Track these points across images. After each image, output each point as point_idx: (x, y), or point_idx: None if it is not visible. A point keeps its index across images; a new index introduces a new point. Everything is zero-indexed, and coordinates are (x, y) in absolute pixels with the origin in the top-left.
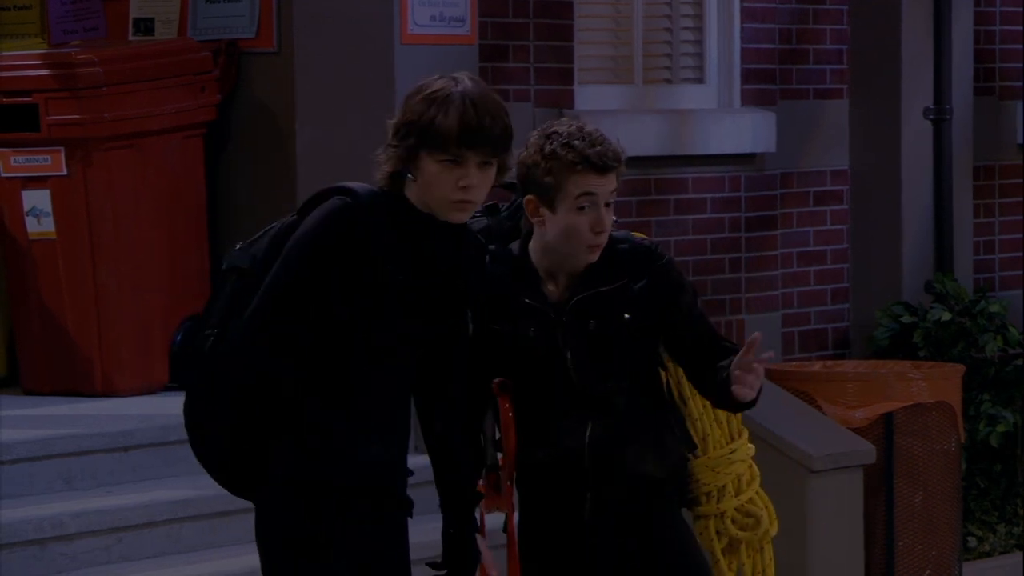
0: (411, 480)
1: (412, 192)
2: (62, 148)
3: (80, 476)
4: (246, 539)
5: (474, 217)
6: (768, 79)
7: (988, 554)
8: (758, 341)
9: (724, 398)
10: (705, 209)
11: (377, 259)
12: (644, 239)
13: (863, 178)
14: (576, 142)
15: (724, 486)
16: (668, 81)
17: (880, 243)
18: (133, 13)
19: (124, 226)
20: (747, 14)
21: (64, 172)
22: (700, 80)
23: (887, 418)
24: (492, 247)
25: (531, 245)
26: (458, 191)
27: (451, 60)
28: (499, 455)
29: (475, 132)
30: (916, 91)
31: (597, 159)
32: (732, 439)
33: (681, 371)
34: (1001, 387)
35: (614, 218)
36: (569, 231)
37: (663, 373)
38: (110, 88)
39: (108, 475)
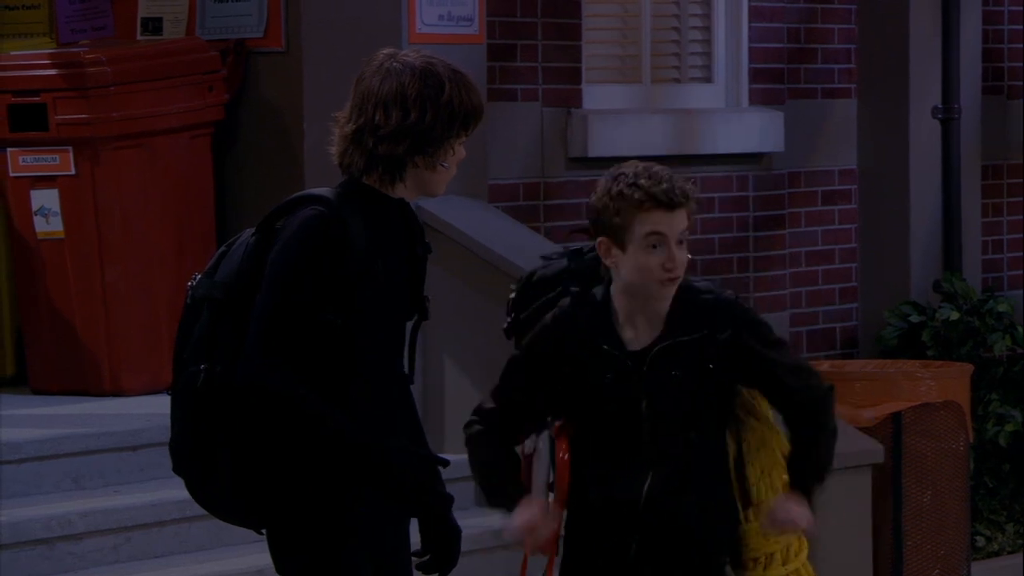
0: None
1: (412, 181)
2: (70, 147)
3: (88, 475)
4: (253, 539)
5: (552, 260)
6: (776, 78)
7: (996, 553)
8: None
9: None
10: (713, 208)
11: (362, 259)
12: (729, 292)
13: (871, 177)
14: (642, 181)
15: (773, 554)
16: (676, 80)
17: (888, 242)
18: (141, 12)
19: (132, 225)
20: (755, 13)
21: (72, 171)
22: (708, 79)
23: (895, 417)
24: (574, 289)
25: (612, 288)
26: (455, 168)
27: (459, 59)
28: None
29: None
30: (924, 90)
31: (663, 196)
32: None
33: (746, 432)
34: (1009, 386)
35: (688, 256)
36: (641, 269)
37: (728, 433)
38: (118, 87)
39: (116, 474)
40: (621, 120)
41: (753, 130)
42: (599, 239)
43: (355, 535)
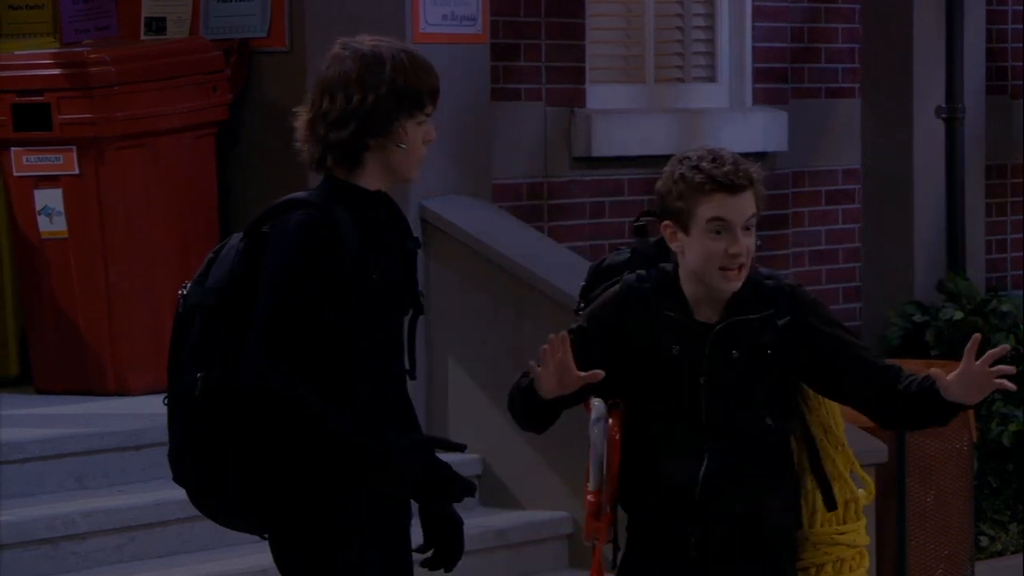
0: None
1: (374, 166)
2: (74, 147)
3: (92, 475)
4: (256, 539)
5: (621, 251)
6: (780, 78)
7: (1000, 553)
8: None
9: (927, 408)
10: None
11: (356, 259)
12: (791, 278)
13: (875, 177)
14: (704, 164)
15: (823, 565)
16: (680, 80)
17: (892, 242)
18: (145, 12)
19: (136, 225)
20: (759, 13)
21: (76, 171)
22: (712, 79)
23: None
24: (638, 272)
25: (680, 271)
26: (425, 149)
27: (462, 59)
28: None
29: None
30: (928, 90)
31: (724, 179)
32: (844, 521)
33: (818, 442)
34: None
35: (758, 242)
36: (705, 254)
37: (794, 442)
38: (122, 87)
39: (119, 474)
40: (625, 120)
41: (757, 130)
42: (664, 223)
43: (355, 535)
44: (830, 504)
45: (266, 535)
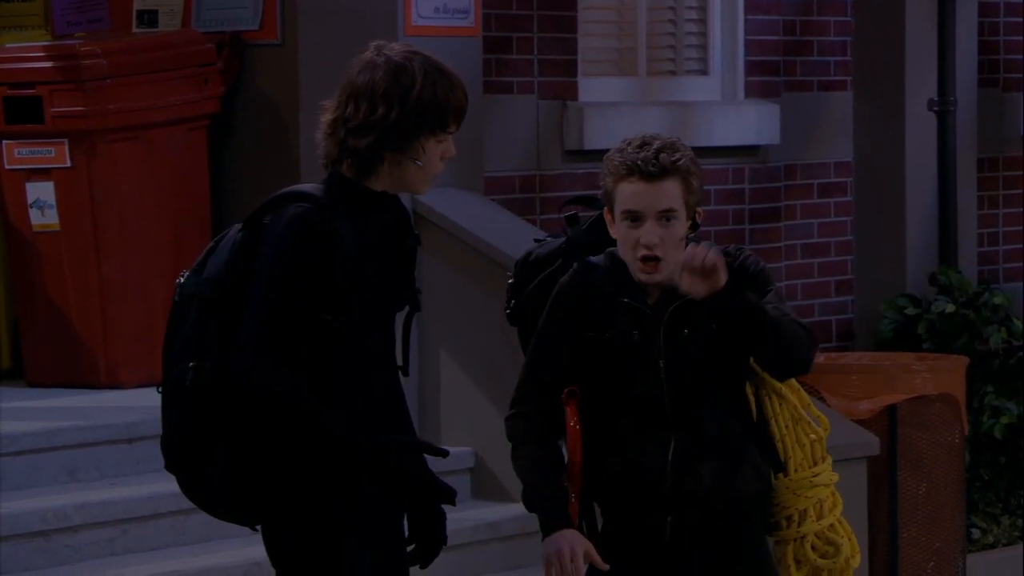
0: None
1: (386, 176)
2: (66, 140)
3: (84, 468)
4: (249, 531)
5: (546, 241)
6: (772, 71)
7: (992, 546)
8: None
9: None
10: (709, 201)
11: (353, 257)
12: (726, 246)
13: (867, 170)
14: (629, 148)
15: (805, 510)
16: (672, 73)
17: (884, 235)
18: (137, 5)
19: (128, 218)
20: (751, 5)
21: (68, 164)
22: (704, 72)
23: (891, 410)
24: (588, 259)
25: None
26: (442, 165)
27: (454, 52)
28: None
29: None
30: (920, 83)
31: (635, 166)
32: (815, 463)
33: (766, 388)
34: (1005, 379)
35: (692, 235)
36: (622, 243)
37: (749, 391)
38: (114, 80)
39: (112, 467)
40: (617, 112)
41: (749, 123)
42: (606, 209)
43: (347, 533)
44: (776, 466)
45: (257, 527)
